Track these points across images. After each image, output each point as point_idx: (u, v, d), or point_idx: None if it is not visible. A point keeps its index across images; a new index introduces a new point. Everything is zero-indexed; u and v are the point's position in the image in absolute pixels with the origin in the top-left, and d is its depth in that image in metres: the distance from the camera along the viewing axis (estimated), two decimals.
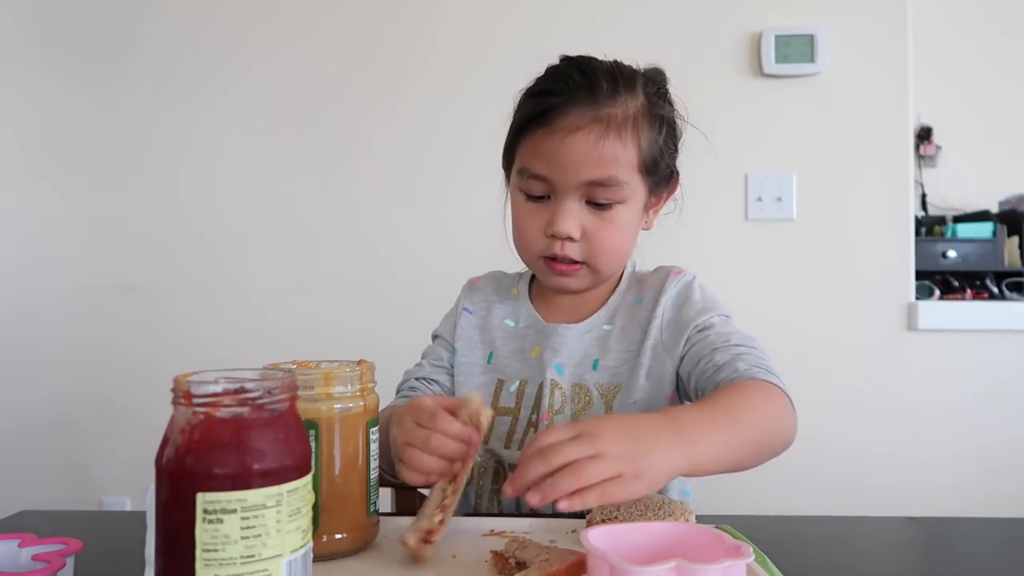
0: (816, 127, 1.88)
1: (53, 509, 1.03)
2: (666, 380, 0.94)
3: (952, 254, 2.07)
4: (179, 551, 0.48)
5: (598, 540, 0.53)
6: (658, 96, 0.95)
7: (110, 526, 0.88)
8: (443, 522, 0.68)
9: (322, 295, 1.96)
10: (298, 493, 0.51)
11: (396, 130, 1.96)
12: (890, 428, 1.84)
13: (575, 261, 0.93)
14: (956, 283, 2.08)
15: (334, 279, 1.96)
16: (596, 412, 0.94)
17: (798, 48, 1.86)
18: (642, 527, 0.59)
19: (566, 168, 0.89)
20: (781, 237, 1.88)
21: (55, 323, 2.02)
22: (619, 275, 1.02)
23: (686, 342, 0.92)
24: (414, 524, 0.68)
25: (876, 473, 1.81)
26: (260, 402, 0.50)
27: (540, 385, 0.97)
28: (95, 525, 0.90)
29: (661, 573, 0.48)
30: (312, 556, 0.54)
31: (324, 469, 0.68)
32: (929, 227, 2.19)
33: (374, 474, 0.72)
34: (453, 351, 1.04)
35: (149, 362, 1.96)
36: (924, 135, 2.33)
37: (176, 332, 1.98)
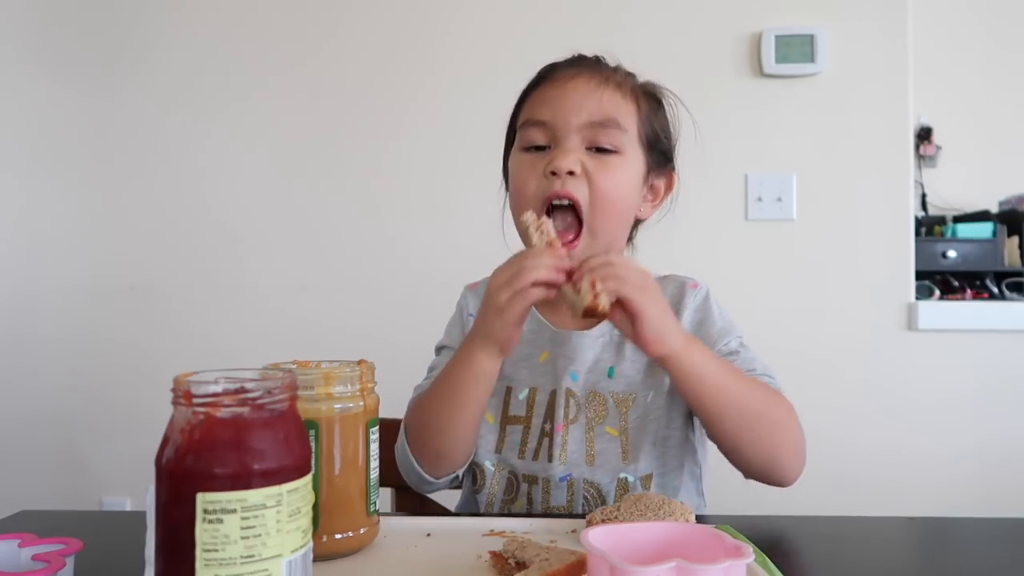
0: (816, 127, 1.88)
1: (53, 509, 1.03)
2: None
3: (952, 254, 2.07)
4: (179, 551, 0.48)
5: (598, 540, 0.53)
6: (655, 97, 0.98)
7: (110, 526, 0.88)
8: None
9: (322, 295, 1.96)
10: (298, 493, 0.51)
11: (397, 133, 1.96)
12: (890, 428, 1.84)
13: (576, 221, 0.89)
14: (956, 283, 2.07)
15: (334, 279, 1.97)
16: (611, 422, 0.93)
17: (798, 48, 1.86)
18: (642, 527, 0.59)
19: (567, 110, 0.90)
20: (781, 237, 1.88)
21: (55, 323, 2.02)
22: None
23: None
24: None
25: (876, 473, 1.81)
26: (260, 402, 0.50)
27: (552, 393, 0.95)
28: (95, 525, 0.90)
29: (661, 573, 0.48)
30: (312, 556, 0.54)
31: (324, 469, 0.68)
32: (929, 227, 2.19)
33: (374, 474, 0.72)
34: None
35: (149, 362, 1.96)
36: (924, 135, 2.33)
37: (176, 332, 1.99)
